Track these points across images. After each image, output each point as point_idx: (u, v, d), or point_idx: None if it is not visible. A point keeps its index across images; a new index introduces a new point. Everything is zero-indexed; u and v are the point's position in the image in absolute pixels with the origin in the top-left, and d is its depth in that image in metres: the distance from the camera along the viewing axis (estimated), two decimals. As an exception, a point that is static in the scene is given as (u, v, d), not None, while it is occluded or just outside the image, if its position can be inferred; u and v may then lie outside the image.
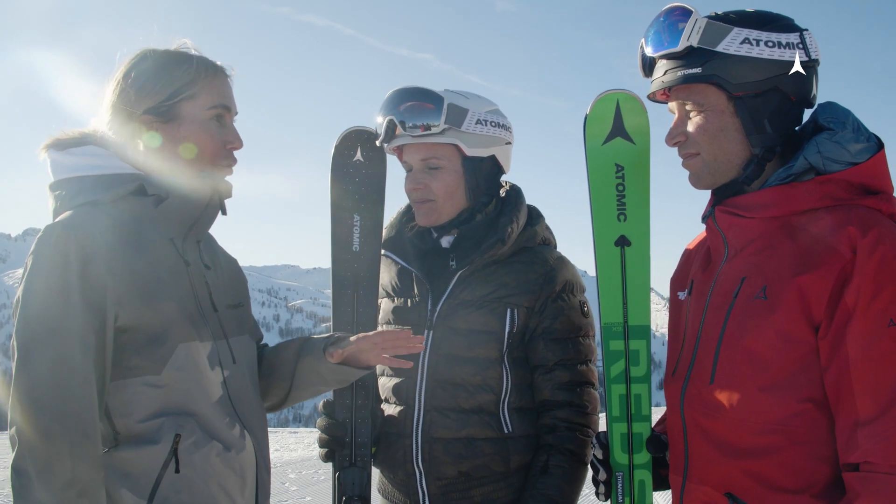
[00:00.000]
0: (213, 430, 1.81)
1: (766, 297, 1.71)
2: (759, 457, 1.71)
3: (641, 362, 2.06)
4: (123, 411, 1.73)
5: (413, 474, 2.25)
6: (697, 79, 1.78)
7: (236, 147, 1.96)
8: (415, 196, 2.32)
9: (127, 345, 1.73)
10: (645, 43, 1.89)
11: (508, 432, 2.24)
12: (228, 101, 1.94)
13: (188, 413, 1.77)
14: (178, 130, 1.86)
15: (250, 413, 1.94)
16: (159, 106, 1.84)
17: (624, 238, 2.09)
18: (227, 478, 1.82)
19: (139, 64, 1.87)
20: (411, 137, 2.25)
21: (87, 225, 1.72)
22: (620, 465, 2.04)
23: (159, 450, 1.72)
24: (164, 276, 1.80)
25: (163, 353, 1.74)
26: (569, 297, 2.31)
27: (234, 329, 1.97)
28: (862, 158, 1.72)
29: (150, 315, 1.74)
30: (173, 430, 1.73)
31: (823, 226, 1.68)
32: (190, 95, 1.86)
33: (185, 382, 1.77)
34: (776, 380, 1.69)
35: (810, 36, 1.78)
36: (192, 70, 1.87)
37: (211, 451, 1.79)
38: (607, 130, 2.11)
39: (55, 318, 1.64)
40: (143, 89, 1.84)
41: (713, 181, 1.87)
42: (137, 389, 1.73)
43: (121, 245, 1.74)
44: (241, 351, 1.97)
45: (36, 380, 1.62)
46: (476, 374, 2.23)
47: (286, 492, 8.69)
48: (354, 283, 2.31)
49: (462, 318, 2.25)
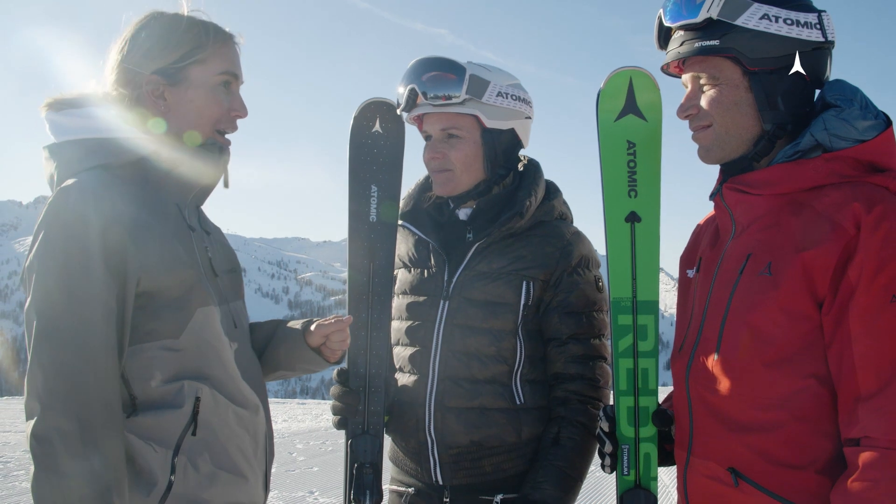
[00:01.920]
0: (228, 393, 1.84)
1: (771, 273, 1.72)
2: (762, 432, 1.73)
3: (649, 337, 2.08)
4: (141, 375, 1.73)
5: (425, 442, 2.30)
6: (715, 51, 1.79)
7: (241, 115, 1.97)
8: (433, 165, 2.35)
9: (144, 309, 1.72)
10: (663, 13, 1.90)
11: (520, 403, 2.28)
12: (237, 68, 1.94)
13: (204, 376, 1.79)
14: (185, 93, 1.85)
15: (254, 376, 1.97)
16: (168, 68, 1.84)
17: (634, 214, 2.10)
18: (243, 439, 1.85)
19: (149, 24, 1.86)
20: (432, 106, 2.27)
21: (104, 189, 1.70)
22: (626, 437, 2.07)
23: (182, 413, 1.73)
24: (178, 241, 1.81)
25: (182, 317, 1.76)
26: (584, 271, 2.34)
27: (232, 294, 1.99)
28: (869, 136, 1.73)
29: (172, 280, 1.74)
30: (194, 393, 1.75)
31: (829, 202, 1.69)
32: (199, 59, 1.86)
33: (202, 346, 1.79)
34: (780, 355, 1.71)
35: (828, 17, 1.79)
36: (203, 34, 1.87)
37: (228, 412, 1.82)
38: (620, 107, 2.12)
39: (77, 285, 1.62)
40: (153, 49, 1.83)
41: (722, 155, 1.88)
42: (155, 353, 1.74)
43: (137, 210, 1.73)
44: (239, 316, 2.00)
45: (58, 345, 1.61)
46: (490, 345, 2.26)
47: (293, 462, 8.78)
48: (371, 254, 2.34)
49: (478, 289, 2.28)
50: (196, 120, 1.88)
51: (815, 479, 1.68)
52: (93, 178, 1.72)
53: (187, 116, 1.87)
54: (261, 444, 1.93)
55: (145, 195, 1.79)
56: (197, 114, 1.88)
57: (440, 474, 2.29)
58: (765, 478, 1.72)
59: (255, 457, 1.90)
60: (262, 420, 1.94)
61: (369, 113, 2.38)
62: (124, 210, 1.69)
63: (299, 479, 7.82)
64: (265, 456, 1.96)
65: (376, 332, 2.32)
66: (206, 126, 1.90)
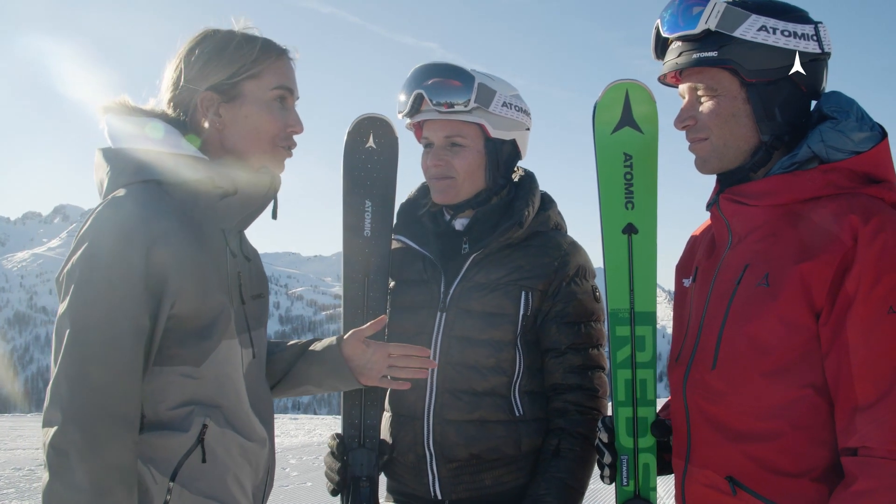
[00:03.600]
0: (236, 423, 1.82)
1: (769, 284, 1.74)
2: (759, 441, 1.75)
3: (647, 348, 2.09)
4: (155, 397, 1.71)
5: (423, 456, 2.28)
6: (713, 62, 1.81)
7: (297, 131, 1.95)
8: (434, 172, 2.33)
9: (174, 332, 1.70)
10: (661, 23, 1.91)
11: (520, 415, 2.27)
12: (291, 83, 1.92)
13: (216, 405, 1.77)
14: (240, 109, 1.84)
15: (264, 407, 1.95)
16: (221, 84, 1.83)
17: (631, 226, 2.12)
18: (243, 469, 1.84)
19: (202, 42, 1.86)
20: (438, 113, 2.27)
21: (155, 206, 1.68)
22: (625, 448, 2.07)
23: (187, 437, 1.72)
24: (217, 268, 1.79)
25: (207, 346, 1.74)
26: (581, 281, 2.34)
27: (257, 322, 1.96)
28: (865, 147, 1.75)
29: (204, 308, 1.72)
30: (202, 420, 1.74)
31: (825, 214, 1.71)
32: (253, 74, 1.85)
33: (220, 377, 1.77)
34: (778, 365, 1.72)
35: (824, 28, 1.81)
36: (256, 49, 1.86)
37: (233, 442, 1.80)
38: (616, 119, 2.14)
39: (115, 301, 1.61)
40: (207, 66, 1.83)
41: (720, 166, 1.90)
42: (172, 378, 1.72)
43: (183, 232, 1.70)
44: (259, 345, 1.96)
45: (86, 358, 1.59)
46: (490, 357, 2.26)
47: (287, 477, 8.75)
48: (365, 269, 2.35)
49: (476, 300, 2.28)
50: (253, 136, 1.86)
51: (812, 487, 1.70)
52: (145, 192, 1.71)
53: (243, 133, 1.86)
54: (260, 477, 1.92)
55: (193, 217, 1.76)
56: (253, 130, 1.86)
57: (439, 489, 2.28)
58: (762, 486, 1.74)
59: (251, 488, 1.88)
60: (267, 453, 1.93)
61: (363, 129, 2.39)
62: (171, 231, 1.67)
63: (293, 494, 7.79)
64: (264, 487, 1.95)
65: None
66: (264, 142, 1.88)
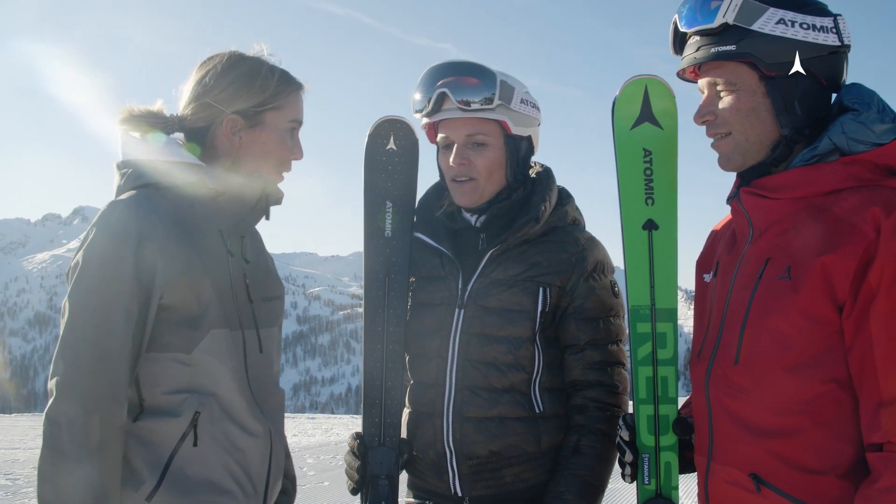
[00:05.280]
0: (232, 412, 1.94)
1: (791, 277, 1.73)
2: (783, 437, 1.74)
3: (668, 345, 2.08)
4: (151, 382, 1.88)
5: (443, 453, 2.29)
6: (731, 56, 1.81)
7: (297, 158, 2.14)
8: (457, 172, 2.32)
9: (165, 321, 1.86)
10: (678, 18, 1.91)
11: (540, 412, 2.28)
12: (302, 116, 2.12)
13: (211, 393, 1.91)
14: (258, 135, 2.03)
15: (268, 401, 2.07)
16: (248, 110, 2.01)
17: (652, 222, 2.12)
18: (239, 457, 1.94)
19: (236, 66, 2.02)
20: (461, 111, 2.26)
21: (148, 206, 1.86)
22: (647, 446, 2.07)
23: (180, 422, 1.86)
24: (209, 264, 1.93)
25: (195, 335, 1.88)
26: (600, 276, 2.34)
27: (266, 321, 2.10)
28: (887, 139, 1.74)
29: (191, 298, 1.88)
30: (194, 407, 1.88)
31: (847, 206, 1.70)
32: (277, 106, 2.04)
33: (212, 365, 1.91)
34: (800, 360, 1.72)
35: (843, 21, 1.81)
36: (281, 83, 2.05)
37: (227, 430, 1.93)
38: (636, 115, 2.14)
39: (106, 290, 1.80)
40: (239, 91, 2.00)
41: (743, 162, 1.89)
42: (167, 364, 1.88)
43: (175, 229, 1.87)
44: (269, 341, 2.10)
45: (80, 339, 1.79)
46: (508, 353, 2.26)
47: (304, 476, 8.77)
48: (386, 269, 2.37)
49: (494, 296, 2.28)
50: (263, 159, 2.06)
51: (837, 483, 1.69)
52: (141, 195, 1.90)
53: (256, 155, 2.04)
54: (259, 469, 2.01)
55: (189, 217, 1.93)
56: (265, 154, 2.06)
57: (459, 486, 2.29)
58: (787, 483, 1.73)
59: (248, 479, 1.97)
60: (266, 446, 2.03)
61: (383, 130, 2.41)
62: (161, 227, 1.84)
63: (310, 494, 7.81)
64: (266, 479, 2.04)
65: (392, 345, 2.34)
66: (270, 166, 2.08)
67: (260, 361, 2.05)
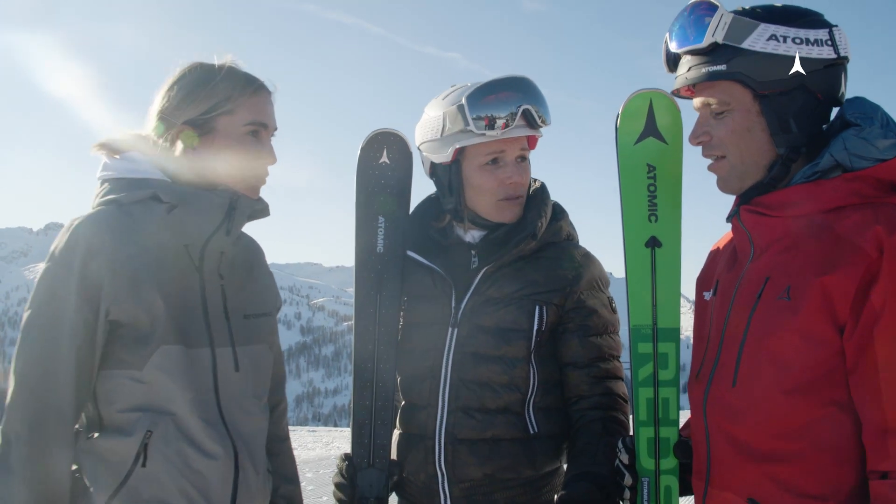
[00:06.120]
0: (189, 433, 1.90)
1: (790, 297, 1.70)
2: (782, 462, 1.71)
3: (670, 366, 2.05)
4: (108, 399, 1.88)
5: (435, 476, 2.26)
6: (722, 76, 1.78)
7: (269, 162, 2.08)
8: (517, 190, 2.33)
9: (118, 338, 1.87)
10: (669, 38, 1.89)
11: (534, 433, 2.26)
12: (266, 118, 2.05)
13: (167, 412, 1.89)
14: (212, 143, 1.98)
15: (242, 421, 2.02)
16: (197, 119, 1.97)
17: (655, 239, 2.08)
18: (196, 480, 1.90)
19: (186, 76, 2.00)
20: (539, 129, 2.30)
21: (99, 223, 1.88)
22: (647, 470, 2.03)
23: (131, 442, 1.85)
24: (165, 279, 1.91)
25: (145, 352, 1.87)
26: (598, 293, 2.34)
27: (246, 338, 2.06)
28: (890, 155, 1.69)
29: (140, 314, 1.86)
30: (146, 426, 1.86)
31: (850, 224, 1.67)
32: (227, 111, 1.98)
33: (166, 383, 1.88)
34: (799, 382, 1.69)
35: (840, 32, 1.77)
36: (232, 86, 1.99)
37: (182, 451, 1.88)
38: (639, 130, 2.10)
39: (52, 308, 1.83)
40: (185, 101, 1.97)
41: (741, 185, 1.87)
42: (121, 381, 1.88)
43: (127, 245, 1.87)
44: (249, 360, 2.06)
45: (26, 359, 1.83)
46: (503, 374, 2.24)
47: (303, 491, 8.69)
48: (378, 285, 2.34)
49: (489, 315, 2.26)
50: (224, 168, 2.00)
51: None
52: (98, 212, 1.91)
53: (215, 164, 1.99)
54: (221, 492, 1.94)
55: (149, 232, 1.92)
56: (224, 162, 2.00)
57: None
58: None
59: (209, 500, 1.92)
60: (230, 469, 1.96)
61: (376, 144, 2.38)
62: (110, 244, 1.85)
63: (307, 508, 7.73)
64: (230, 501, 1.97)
65: (383, 363, 2.30)
66: (233, 175, 2.02)
67: (236, 380, 2.01)
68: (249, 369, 2.06)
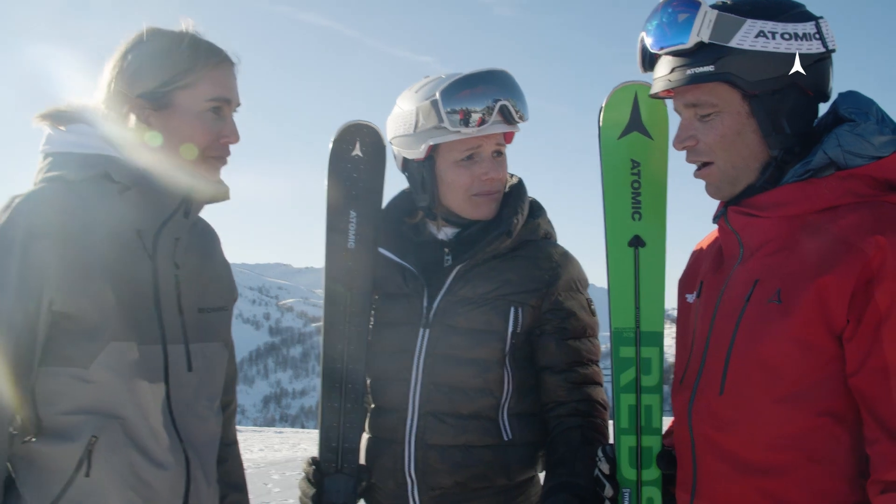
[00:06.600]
0: (139, 439, 1.78)
1: (781, 300, 1.64)
2: (774, 475, 1.65)
3: (653, 371, 2.00)
4: (48, 400, 1.73)
5: (404, 484, 2.20)
6: (710, 78, 1.70)
7: (231, 141, 1.93)
8: (493, 186, 2.26)
9: (64, 332, 1.72)
10: (646, 36, 1.80)
11: (508, 439, 2.20)
12: (229, 92, 1.90)
13: (114, 416, 1.75)
14: (169, 119, 1.83)
15: (195, 426, 1.90)
16: (153, 92, 1.82)
17: (638, 238, 2.04)
18: (145, 492, 1.78)
19: (139, 45, 1.84)
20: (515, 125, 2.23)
21: (43, 201, 1.72)
22: (628, 480, 1.98)
23: (74, 448, 1.71)
24: (115, 268, 1.77)
25: (93, 348, 1.72)
26: (577, 295, 2.28)
27: (200, 334, 1.94)
28: (886, 152, 1.63)
29: (87, 305, 1.72)
30: (91, 431, 1.72)
31: (845, 225, 1.60)
32: (186, 84, 1.83)
33: (115, 384, 1.75)
34: (791, 391, 1.63)
35: (826, 24, 1.70)
36: (192, 57, 1.84)
37: (131, 459, 1.76)
38: (624, 124, 2.06)
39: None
40: (139, 72, 1.82)
41: (733, 190, 1.79)
42: (65, 381, 1.73)
43: (74, 227, 1.72)
44: (203, 358, 1.94)
45: None
46: (477, 377, 2.17)
47: (268, 493, 8.68)
48: (348, 281, 2.28)
49: (462, 316, 2.20)
50: (180, 147, 1.85)
51: None
52: (44, 189, 1.76)
53: (173, 142, 1.85)
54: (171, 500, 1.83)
55: (97, 215, 1.76)
56: (180, 141, 1.85)
57: None
58: None
59: None
60: (181, 480, 1.84)
61: (349, 136, 2.30)
62: (56, 225, 1.70)
63: (274, 511, 7.68)
64: None
65: (352, 364, 2.24)
66: (191, 154, 1.86)
67: (188, 381, 1.88)
68: (203, 369, 1.93)
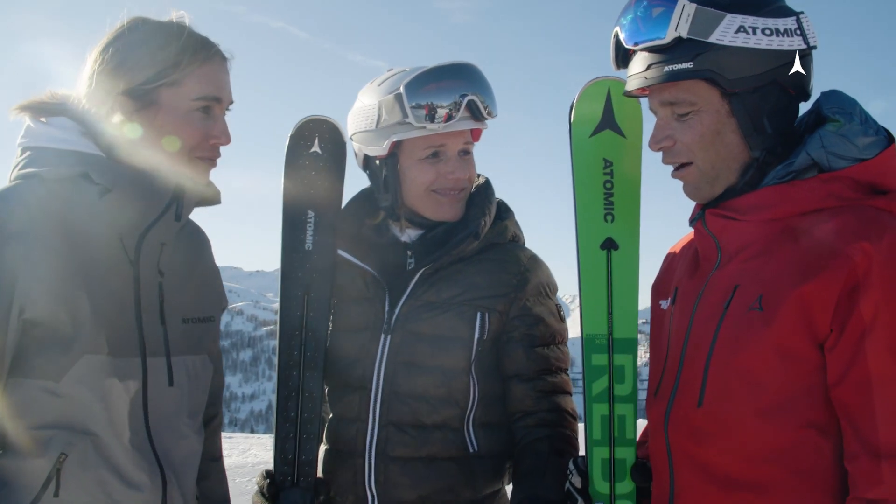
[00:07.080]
0: (112, 458, 1.69)
1: (762, 308, 1.59)
2: (755, 490, 1.61)
3: (627, 379, 1.97)
4: (15, 413, 1.64)
5: (364, 498, 2.12)
6: (690, 75, 1.64)
7: (221, 143, 1.84)
8: (460, 184, 2.20)
9: (35, 341, 1.63)
10: (620, 30, 1.74)
11: (474, 451, 2.13)
12: (219, 91, 1.80)
13: (86, 432, 1.66)
14: (154, 118, 1.74)
15: (173, 444, 1.82)
16: (137, 89, 1.72)
17: (611, 241, 2.00)
18: None
19: (124, 35, 1.74)
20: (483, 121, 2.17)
21: (17, 201, 1.64)
22: (601, 494, 1.94)
23: (41, 465, 1.62)
24: (94, 274, 1.68)
25: (65, 360, 1.64)
26: (546, 300, 2.22)
27: (184, 347, 1.85)
28: (870, 154, 1.60)
29: (61, 314, 1.63)
30: (60, 448, 1.63)
31: (829, 229, 1.56)
32: (172, 81, 1.73)
33: (87, 399, 1.66)
34: (773, 402, 1.59)
35: (807, 20, 1.66)
36: (179, 51, 1.73)
37: (102, 478, 1.67)
38: (596, 121, 2.02)
39: None
40: (122, 67, 1.71)
41: (713, 191, 1.74)
42: (34, 393, 1.64)
43: (49, 230, 1.63)
44: (185, 373, 1.85)
45: None
46: (441, 386, 2.11)
47: (218, 502, 8.41)
48: (306, 285, 2.19)
49: (426, 321, 2.13)
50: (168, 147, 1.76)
51: None
52: (20, 187, 1.67)
53: (158, 143, 1.75)
54: None
55: (75, 218, 1.67)
56: (168, 141, 1.75)
57: None
58: None
59: None
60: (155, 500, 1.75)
61: (307, 131, 2.22)
62: (30, 227, 1.61)
63: (224, 521, 7.47)
64: None
65: (310, 371, 2.15)
66: (179, 154, 1.77)
67: (169, 397, 1.79)
68: (185, 384, 1.84)
